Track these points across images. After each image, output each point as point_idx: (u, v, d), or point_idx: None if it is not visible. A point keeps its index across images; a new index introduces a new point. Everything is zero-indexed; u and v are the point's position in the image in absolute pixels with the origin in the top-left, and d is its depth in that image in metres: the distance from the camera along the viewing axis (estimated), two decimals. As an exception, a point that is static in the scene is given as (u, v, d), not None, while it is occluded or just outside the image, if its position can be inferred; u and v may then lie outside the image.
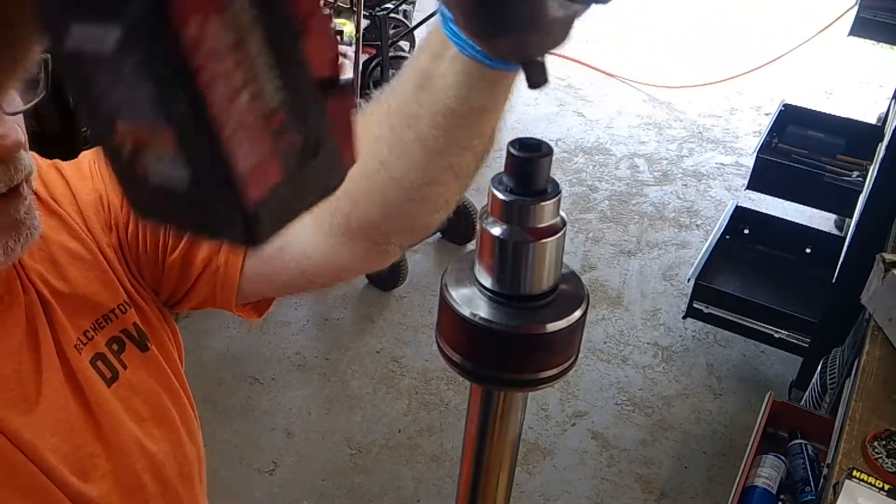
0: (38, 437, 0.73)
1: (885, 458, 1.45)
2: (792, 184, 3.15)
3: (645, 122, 4.88)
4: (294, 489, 2.48)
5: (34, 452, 0.72)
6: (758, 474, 1.89)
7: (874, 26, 3.44)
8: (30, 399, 0.74)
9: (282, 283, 0.86)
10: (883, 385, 1.63)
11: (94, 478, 0.77)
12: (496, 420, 0.55)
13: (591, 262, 3.55)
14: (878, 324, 1.77)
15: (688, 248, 3.71)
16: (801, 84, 5.49)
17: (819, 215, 3.68)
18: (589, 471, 2.61)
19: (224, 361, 2.91)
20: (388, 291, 3.28)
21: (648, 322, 3.26)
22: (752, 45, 5.90)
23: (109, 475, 0.79)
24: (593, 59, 5.63)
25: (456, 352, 0.50)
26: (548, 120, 4.81)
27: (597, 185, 4.16)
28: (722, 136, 4.79)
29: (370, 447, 2.62)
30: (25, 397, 0.73)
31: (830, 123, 3.48)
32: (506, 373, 0.50)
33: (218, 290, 0.85)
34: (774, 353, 2.97)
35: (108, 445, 0.79)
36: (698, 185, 4.26)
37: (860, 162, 3.12)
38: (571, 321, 0.49)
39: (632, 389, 2.93)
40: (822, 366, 2.33)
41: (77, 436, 0.77)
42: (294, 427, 2.68)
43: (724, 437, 2.76)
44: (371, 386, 2.84)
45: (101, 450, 0.78)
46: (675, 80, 5.33)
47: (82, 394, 0.78)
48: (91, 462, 0.77)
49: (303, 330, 3.09)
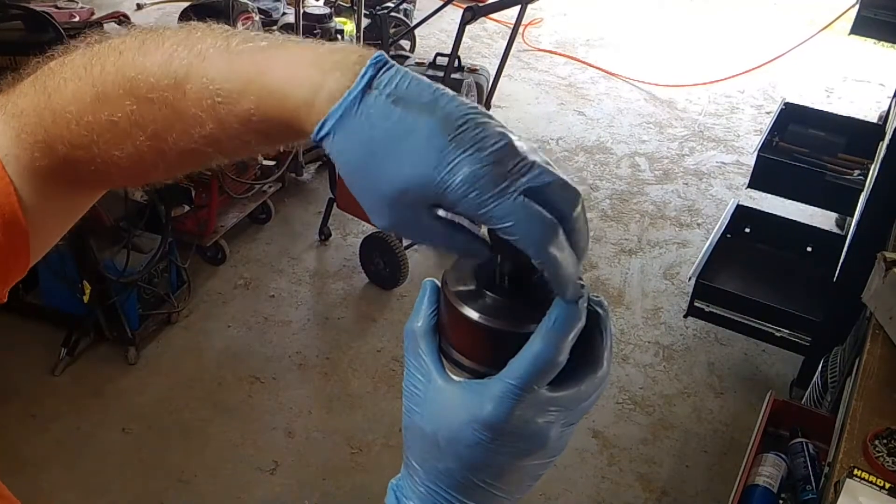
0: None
1: (886, 456, 1.45)
2: (793, 182, 3.15)
3: (646, 120, 4.88)
4: (295, 488, 2.48)
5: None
6: (759, 473, 1.89)
7: (875, 25, 3.44)
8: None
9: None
10: (884, 384, 1.63)
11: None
12: (497, 419, 0.54)
13: (592, 261, 3.55)
14: (879, 322, 1.77)
15: (689, 247, 3.71)
16: (802, 83, 5.49)
17: (820, 214, 3.68)
18: (590, 469, 2.61)
19: (224, 361, 2.91)
20: (389, 290, 3.28)
21: (649, 321, 3.26)
22: (753, 43, 5.90)
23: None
24: (594, 58, 5.63)
25: (458, 351, 0.50)
26: (548, 119, 4.81)
27: (598, 184, 4.15)
28: (723, 134, 4.79)
29: (371, 446, 2.62)
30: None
31: (831, 122, 3.48)
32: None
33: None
34: (775, 351, 2.97)
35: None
36: (699, 184, 4.25)
37: (861, 160, 3.12)
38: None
39: (633, 388, 2.93)
40: (823, 364, 2.33)
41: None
42: (295, 426, 2.68)
43: (725, 436, 2.76)
44: (372, 385, 2.84)
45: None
46: (676, 78, 5.33)
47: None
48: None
49: (303, 329, 3.09)
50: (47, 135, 0.55)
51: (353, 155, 0.46)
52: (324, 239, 3.56)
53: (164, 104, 0.51)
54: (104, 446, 2.55)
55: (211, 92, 0.50)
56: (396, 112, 0.45)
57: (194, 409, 2.71)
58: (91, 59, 0.54)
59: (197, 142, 0.52)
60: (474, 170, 0.43)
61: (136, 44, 0.53)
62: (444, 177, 0.43)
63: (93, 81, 0.53)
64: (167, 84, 0.51)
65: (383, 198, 0.45)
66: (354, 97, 0.45)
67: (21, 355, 2.81)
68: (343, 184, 3.24)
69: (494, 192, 0.43)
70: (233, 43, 0.51)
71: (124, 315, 2.77)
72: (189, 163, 0.56)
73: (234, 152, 0.54)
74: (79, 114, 0.54)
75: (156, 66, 0.51)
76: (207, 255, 3.33)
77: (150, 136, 0.53)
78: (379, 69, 0.45)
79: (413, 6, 5.36)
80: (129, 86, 0.52)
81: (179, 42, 0.52)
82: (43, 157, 0.56)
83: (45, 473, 2.44)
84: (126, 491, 2.43)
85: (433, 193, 0.44)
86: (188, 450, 2.56)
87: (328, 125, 0.46)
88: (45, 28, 2.65)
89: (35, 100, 0.55)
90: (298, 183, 3.89)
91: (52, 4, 3.19)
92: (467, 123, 0.44)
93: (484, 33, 5.85)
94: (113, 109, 0.53)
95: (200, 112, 0.50)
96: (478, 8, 2.82)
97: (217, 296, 3.21)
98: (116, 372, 2.81)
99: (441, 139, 0.43)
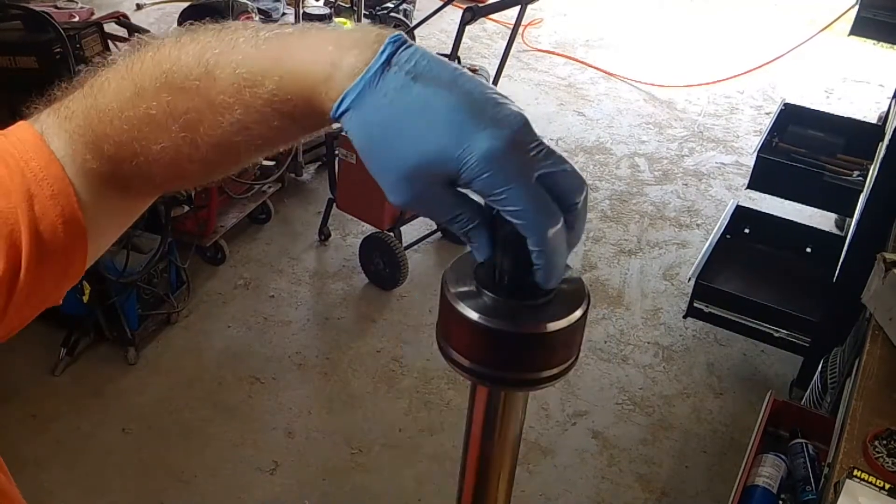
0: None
1: (886, 457, 1.45)
2: (792, 183, 3.15)
3: (645, 121, 4.88)
4: (295, 488, 2.48)
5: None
6: (759, 473, 1.89)
7: (875, 26, 3.44)
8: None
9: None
10: (883, 384, 1.63)
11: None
12: (497, 419, 0.55)
13: (591, 262, 3.55)
14: (879, 323, 1.77)
15: (688, 248, 3.71)
16: (801, 83, 5.49)
17: (819, 214, 3.68)
18: (589, 470, 2.61)
19: (224, 361, 2.91)
20: (389, 291, 3.28)
21: (649, 321, 3.26)
22: (752, 44, 5.90)
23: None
24: (594, 59, 5.63)
25: (457, 351, 0.50)
26: (548, 119, 4.81)
27: (597, 185, 4.15)
28: (722, 135, 4.79)
29: (371, 446, 2.62)
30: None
31: (831, 123, 3.48)
32: (506, 372, 0.50)
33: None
34: (775, 352, 2.97)
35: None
36: (699, 185, 4.25)
37: (860, 161, 3.12)
38: (572, 321, 0.49)
39: (632, 389, 2.93)
40: (823, 365, 2.33)
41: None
42: (295, 426, 2.68)
43: (725, 437, 2.76)
44: (372, 385, 2.84)
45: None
46: (675, 79, 5.33)
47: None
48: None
49: (303, 329, 3.09)
50: (94, 134, 0.57)
51: (371, 130, 0.47)
52: (323, 239, 3.56)
53: (196, 93, 0.53)
54: (104, 446, 2.55)
55: (237, 76, 0.51)
56: (416, 88, 0.45)
57: (194, 409, 2.71)
58: (132, 58, 0.56)
59: (227, 130, 0.53)
60: (493, 147, 0.44)
61: (173, 41, 0.55)
62: (461, 153, 0.44)
63: (132, 77, 0.55)
64: (199, 73, 0.53)
65: (401, 172, 0.46)
66: (374, 72, 0.46)
67: (21, 355, 2.81)
68: (343, 184, 3.23)
69: (511, 174, 0.44)
70: (262, 33, 0.52)
71: (124, 315, 2.77)
72: (222, 156, 0.57)
73: (263, 139, 0.55)
74: (120, 109, 0.55)
75: (190, 56, 0.53)
76: (207, 255, 3.33)
77: (183, 126, 0.54)
78: (398, 47, 0.46)
79: (413, 6, 5.36)
80: (164, 78, 0.54)
81: (213, 36, 0.54)
82: (94, 159, 0.58)
83: (46, 473, 2.44)
84: (126, 491, 2.43)
85: (450, 169, 0.45)
86: (188, 450, 2.56)
87: (347, 100, 0.47)
88: (45, 28, 2.64)
89: (84, 102, 0.57)
90: (298, 183, 3.89)
91: (51, 4, 3.19)
92: (487, 101, 0.45)
93: (484, 33, 5.84)
94: (150, 102, 0.54)
95: (228, 97, 0.52)
96: (478, 8, 2.82)
97: (217, 296, 3.21)
98: (116, 372, 2.81)
99: (460, 115, 0.44)
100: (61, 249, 0.57)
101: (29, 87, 0.73)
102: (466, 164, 0.44)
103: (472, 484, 0.58)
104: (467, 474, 0.58)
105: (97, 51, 2.89)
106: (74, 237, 0.58)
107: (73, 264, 0.60)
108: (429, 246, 3.50)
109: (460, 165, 0.44)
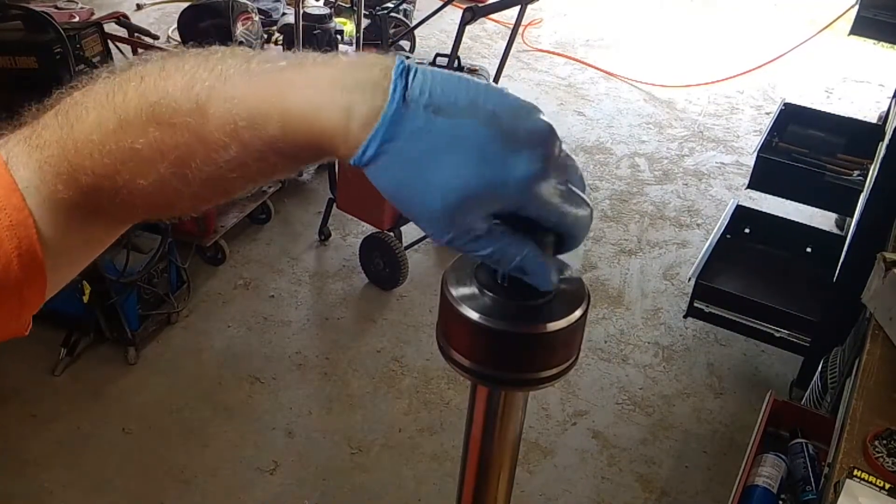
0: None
1: (886, 456, 1.45)
2: (792, 183, 3.15)
3: (645, 121, 4.88)
4: (295, 488, 2.48)
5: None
6: (759, 473, 1.89)
7: (875, 25, 3.45)
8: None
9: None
10: (884, 384, 1.63)
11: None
12: (497, 419, 0.55)
13: (591, 262, 3.55)
14: (879, 323, 1.77)
15: (688, 248, 3.71)
16: (801, 83, 5.49)
17: (820, 214, 3.68)
18: (589, 470, 2.61)
19: (224, 361, 2.91)
20: (389, 291, 3.28)
21: (649, 321, 3.26)
22: (753, 44, 5.90)
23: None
24: (594, 59, 5.63)
25: (457, 351, 0.50)
26: (548, 119, 4.80)
27: (597, 185, 4.15)
28: (722, 135, 4.79)
29: (371, 446, 2.62)
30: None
31: (831, 122, 3.48)
32: (506, 372, 0.50)
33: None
34: (775, 352, 2.97)
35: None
36: (699, 185, 4.25)
37: (861, 161, 3.12)
38: (572, 321, 0.49)
39: (632, 389, 2.93)
40: (823, 365, 2.33)
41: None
42: (295, 426, 2.68)
43: (725, 437, 2.76)
44: (372, 385, 2.84)
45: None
46: (675, 79, 5.33)
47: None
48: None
49: (303, 329, 3.09)
50: (70, 165, 0.54)
51: (400, 175, 0.45)
52: (323, 239, 3.56)
53: (186, 129, 0.50)
54: (104, 446, 2.55)
55: (233, 116, 0.49)
56: (438, 122, 0.44)
57: (194, 409, 2.71)
58: (113, 87, 0.53)
59: (221, 167, 0.51)
60: (532, 169, 0.45)
61: (157, 68, 0.52)
62: (502, 182, 0.44)
63: (115, 108, 0.53)
64: (189, 108, 0.50)
65: (442, 210, 0.45)
66: (392, 116, 0.44)
67: (21, 355, 2.81)
68: (343, 184, 3.22)
69: (553, 192, 0.46)
70: (252, 64, 0.50)
71: (124, 315, 2.77)
72: (214, 191, 0.55)
73: (261, 175, 0.53)
74: (101, 142, 0.53)
75: (178, 89, 0.50)
76: (207, 255, 3.33)
77: (173, 163, 0.52)
78: (406, 80, 0.45)
79: (413, 6, 5.36)
80: (151, 111, 0.51)
81: (199, 64, 0.51)
82: (66, 189, 0.55)
83: (46, 473, 2.44)
84: (126, 491, 2.43)
85: (494, 199, 0.45)
86: (188, 450, 2.56)
87: (371, 150, 0.45)
88: (45, 28, 2.65)
89: (58, 132, 0.54)
90: (298, 183, 3.89)
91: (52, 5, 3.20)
92: (514, 120, 0.45)
93: (484, 33, 5.85)
94: (136, 136, 0.52)
95: (223, 136, 0.50)
96: (478, 8, 2.82)
97: (217, 296, 3.21)
98: (116, 372, 2.81)
99: (494, 144, 0.44)
100: (14, 284, 0.54)
101: (29, 87, 0.73)
102: (509, 193, 0.44)
103: (472, 484, 0.58)
104: (467, 474, 0.58)
105: (97, 51, 2.89)
106: (30, 271, 0.55)
107: (31, 297, 0.57)
108: (429, 246, 3.50)
109: (504, 194, 0.44)
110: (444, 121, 0.44)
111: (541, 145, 0.44)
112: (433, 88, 0.45)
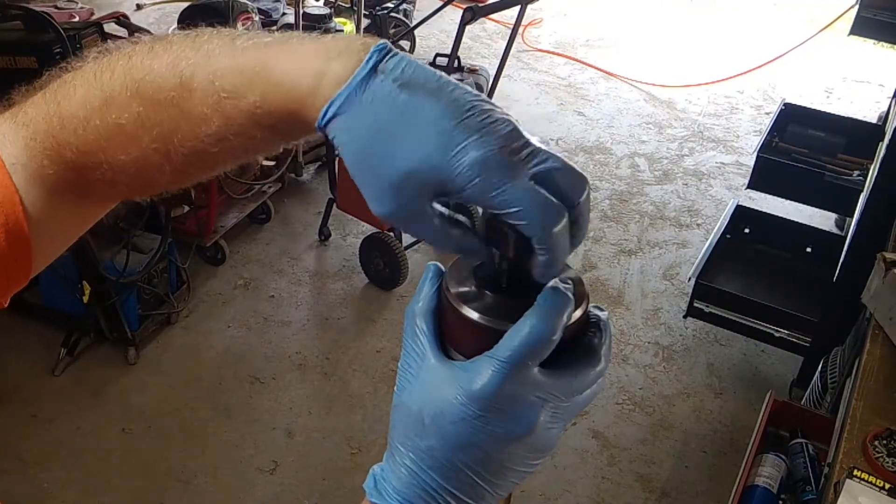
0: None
1: (886, 457, 1.45)
2: (792, 183, 3.15)
3: (645, 121, 4.88)
4: (295, 489, 2.48)
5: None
6: (758, 473, 1.89)
7: (875, 25, 3.45)
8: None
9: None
10: (884, 384, 1.63)
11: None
12: (497, 419, 0.54)
13: (591, 262, 3.55)
14: (879, 323, 1.77)
15: (688, 248, 3.71)
16: (801, 83, 5.49)
17: (819, 214, 3.68)
18: (590, 470, 2.61)
19: (224, 361, 2.91)
20: (389, 291, 3.28)
21: (649, 321, 3.26)
22: (752, 43, 5.90)
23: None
24: (594, 59, 5.63)
25: (457, 351, 0.50)
26: (548, 119, 4.81)
27: (597, 185, 4.15)
28: (722, 135, 4.79)
29: (371, 446, 2.61)
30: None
31: (831, 122, 3.48)
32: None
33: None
34: (775, 352, 2.97)
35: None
36: (699, 185, 4.26)
37: (861, 161, 3.12)
38: (572, 321, 0.49)
39: (632, 388, 2.93)
40: (823, 365, 2.33)
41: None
42: (295, 426, 2.68)
43: (725, 437, 2.76)
44: (372, 385, 2.84)
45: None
46: (675, 79, 5.33)
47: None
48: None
49: (303, 329, 3.09)
50: (55, 141, 0.55)
51: (357, 138, 0.46)
52: (323, 239, 3.56)
53: (170, 104, 0.52)
54: (104, 446, 2.55)
55: (216, 88, 0.50)
56: (402, 96, 0.45)
57: (194, 409, 2.71)
58: (101, 66, 0.55)
59: (203, 141, 0.52)
60: (483, 153, 0.43)
61: (145, 49, 0.53)
62: (450, 160, 0.43)
63: (101, 86, 0.54)
64: (174, 84, 0.51)
65: (386, 182, 0.45)
66: (360, 80, 0.45)
67: (21, 355, 2.81)
68: (343, 184, 3.22)
69: (504, 177, 0.43)
70: (238, 42, 0.51)
71: (124, 315, 2.77)
72: (196, 166, 0.56)
73: (242, 150, 0.54)
74: (86, 118, 0.54)
75: (163, 67, 0.52)
76: (207, 255, 3.33)
77: (156, 138, 0.53)
78: (384, 56, 0.46)
79: (413, 6, 5.36)
80: (136, 87, 0.52)
81: (187, 45, 0.52)
82: (51, 165, 0.56)
83: (46, 473, 2.44)
84: (126, 491, 2.43)
85: (439, 178, 0.44)
86: (188, 450, 2.56)
87: (333, 108, 0.46)
88: (45, 28, 2.64)
89: (45, 108, 0.56)
90: (298, 183, 3.89)
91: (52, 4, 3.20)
92: (474, 108, 0.44)
93: (484, 33, 5.85)
94: (120, 112, 0.53)
95: (206, 109, 0.51)
96: (478, 8, 2.82)
97: (217, 296, 3.21)
98: (116, 372, 2.81)
99: (448, 123, 0.43)
100: (0, 259, 0.55)
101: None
102: (457, 171, 0.43)
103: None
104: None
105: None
106: (16, 247, 0.56)
107: (16, 274, 0.58)
108: (429, 246, 3.49)
109: (450, 173, 0.43)
110: (408, 96, 0.44)
111: (495, 132, 0.43)
112: (406, 67, 0.45)
